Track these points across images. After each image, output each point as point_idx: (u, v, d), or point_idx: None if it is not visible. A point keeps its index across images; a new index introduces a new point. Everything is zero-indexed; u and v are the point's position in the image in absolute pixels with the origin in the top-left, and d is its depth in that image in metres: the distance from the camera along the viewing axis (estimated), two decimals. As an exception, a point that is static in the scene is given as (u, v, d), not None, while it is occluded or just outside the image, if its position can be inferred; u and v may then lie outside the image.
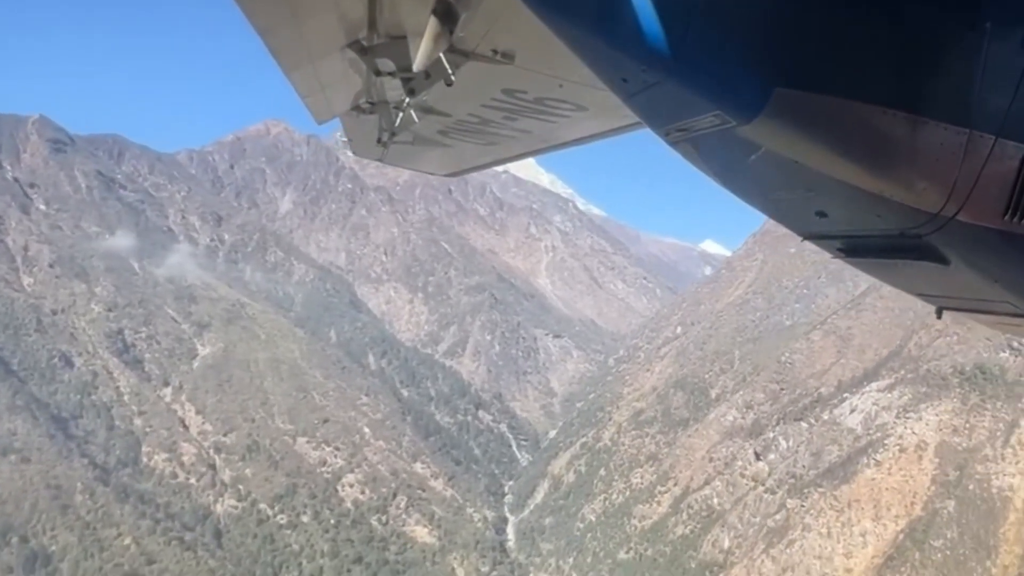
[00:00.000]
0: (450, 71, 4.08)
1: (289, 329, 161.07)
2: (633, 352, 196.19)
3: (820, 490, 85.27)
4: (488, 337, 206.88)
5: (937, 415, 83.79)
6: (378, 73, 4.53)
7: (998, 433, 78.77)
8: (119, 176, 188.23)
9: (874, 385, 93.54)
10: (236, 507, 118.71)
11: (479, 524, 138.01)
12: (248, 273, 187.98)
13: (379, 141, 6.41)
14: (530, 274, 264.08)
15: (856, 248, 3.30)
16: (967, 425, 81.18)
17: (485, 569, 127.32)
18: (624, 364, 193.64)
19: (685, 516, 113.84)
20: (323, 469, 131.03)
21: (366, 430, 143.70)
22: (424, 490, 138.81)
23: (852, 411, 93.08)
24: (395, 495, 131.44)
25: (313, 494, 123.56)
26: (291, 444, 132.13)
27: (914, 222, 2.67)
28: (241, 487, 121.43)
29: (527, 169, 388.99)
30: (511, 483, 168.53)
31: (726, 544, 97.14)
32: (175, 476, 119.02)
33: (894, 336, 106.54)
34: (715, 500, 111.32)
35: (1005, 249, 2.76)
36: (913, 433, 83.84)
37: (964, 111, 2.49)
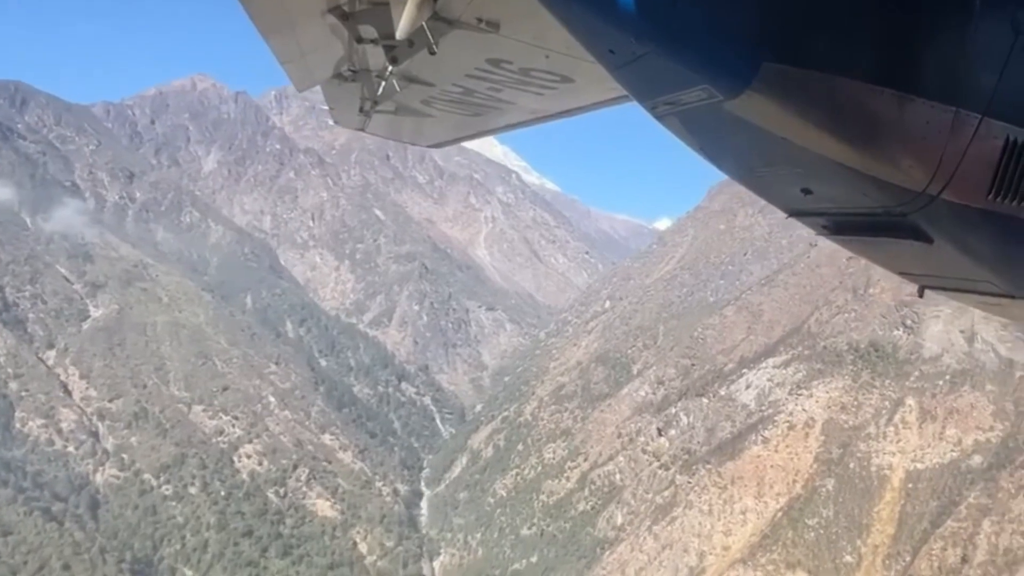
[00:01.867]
0: (433, 39, 4.01)
1: (195, 293, 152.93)
2: (562, 326, 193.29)
3: (707, 467, 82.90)
4: (416, 307, 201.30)
5: (827, 392, 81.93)
6: (360, 40, 4.39)
7: (883, 411, 77.17)
8: (19, 126, 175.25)
9: (771, 361, 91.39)
10: (118, 477, 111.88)
11: (387, 498, 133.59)
12: (160, 233, 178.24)
13: (361, 110, 6.20)
14: (468, 245, 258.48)
15: (841, 226, 3.23)
16: (855, 403, 79.46)
17: (390, 544, 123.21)
18: (553, 338, 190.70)
19: (587, 492, 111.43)
20: (219, 439, 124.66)
21: (271, 399, 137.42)
22: (330, 462, 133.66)
23: (747, 387, 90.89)
24: (295, 467, 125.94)
25: (204, 464, 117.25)
26: (185, 412, 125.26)
27: (899, 200, 2.67)
28: (125, 456, 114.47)
29: (478, 140, 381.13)
30: (430, 457, 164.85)
31: (619, 520, 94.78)
32: (51, 443, 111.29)
33: (802, 312, 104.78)
34: (617, 476, 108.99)
35: (988, 229, 2.76)
36: (803, 410, 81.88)
37: (951, 89, 2.46)
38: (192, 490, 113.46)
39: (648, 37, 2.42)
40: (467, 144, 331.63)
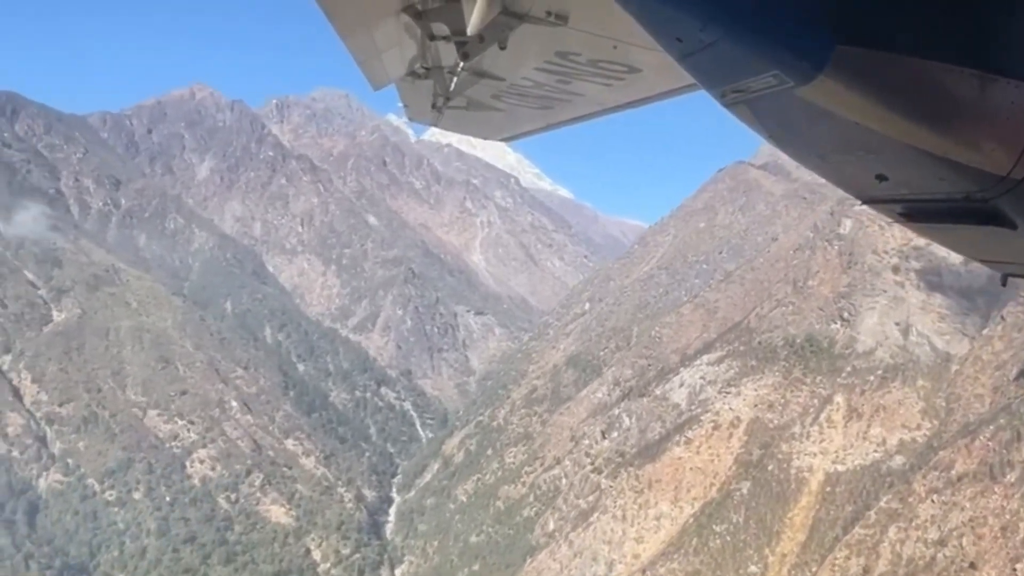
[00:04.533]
0: (503, 34, 4.17)
1: (166, 298, 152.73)
2: (544, 329, 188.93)
3: (629, 470, 77.93)
4: (400, 312, 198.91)
5: (756, 390, 76.41)
6: (432, 37, 4.59)
7: (811, 409, 71.45)
8: (6, 135, 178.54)
9: (705, 358, 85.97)
10: (61, 482, 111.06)
11: (349, 504, 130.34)
12: (142, 240, 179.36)
13: (434, 106, 6.41)
14: (463, 250, 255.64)
15: (918, 213, 3.10)
16: (783, 400, 73.84)
17: (346, 551, 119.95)
18: (535, 341, 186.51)
19: (532, 498, 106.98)
20: (173, 443, 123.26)
21: (233, 404, 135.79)
22: (291, 468, 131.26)
23: (681, 386, 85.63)
24: (250, 472, 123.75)
25: (151, 469, 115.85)
26: (139, 416, 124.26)
27: (980, 185, 2.56)
28: (70, 461, 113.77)
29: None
30: (405, 463, 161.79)
31: (551, 527, 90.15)
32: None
33: (753, 308, 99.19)
34: (563, 480, 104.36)
35: None
36: (730, 409, 76.50)
37: None
38: (136, 495, 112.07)
39: (716, 24, 2.32)
40: (468, 150, 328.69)
